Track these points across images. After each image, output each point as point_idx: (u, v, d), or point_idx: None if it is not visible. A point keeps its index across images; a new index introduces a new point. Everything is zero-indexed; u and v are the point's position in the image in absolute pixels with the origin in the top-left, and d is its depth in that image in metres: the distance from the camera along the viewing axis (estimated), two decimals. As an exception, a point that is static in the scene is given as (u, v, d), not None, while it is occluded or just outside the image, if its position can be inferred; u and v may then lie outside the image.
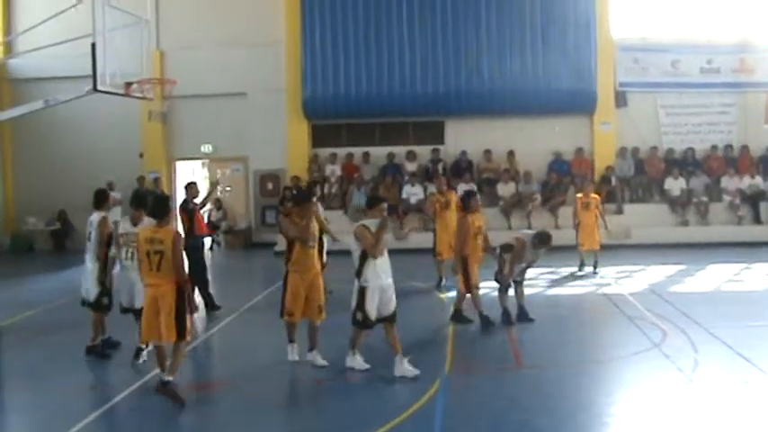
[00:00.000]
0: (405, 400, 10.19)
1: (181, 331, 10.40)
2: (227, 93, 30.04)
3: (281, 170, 30.26)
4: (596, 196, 22.27)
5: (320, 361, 12.09)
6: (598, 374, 12.01)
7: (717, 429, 9.15)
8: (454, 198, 19.27)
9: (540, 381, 11.46)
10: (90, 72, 23.32)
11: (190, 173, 32.51)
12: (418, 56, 28.98)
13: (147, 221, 11.66)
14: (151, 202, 11.79)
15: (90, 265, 13.21)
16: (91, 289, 13.14)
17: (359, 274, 11.44)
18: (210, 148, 31.18)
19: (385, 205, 11.82)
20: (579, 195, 22.18)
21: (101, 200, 13.66)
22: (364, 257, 11.39)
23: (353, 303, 11.46)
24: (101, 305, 13.11)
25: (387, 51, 29.07)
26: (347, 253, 11.56)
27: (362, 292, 11.38)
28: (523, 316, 15.06)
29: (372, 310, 11.41)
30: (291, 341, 12.41)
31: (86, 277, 13.27)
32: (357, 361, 11.74)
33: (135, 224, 12.44)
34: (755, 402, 10.16)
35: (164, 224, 10.58)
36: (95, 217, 13.29)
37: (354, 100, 29.22)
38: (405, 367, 11.27)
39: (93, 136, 30.33)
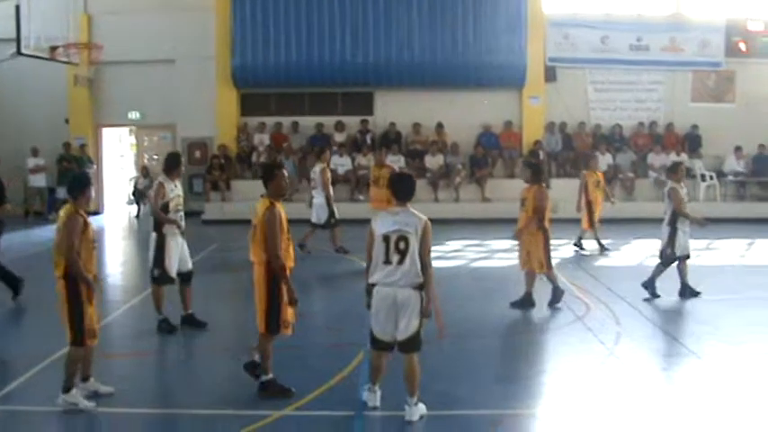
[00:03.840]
0: (328, 371, 10.15)
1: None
2: (156, 59, 29.52)
3: (209, 138, 29.99)
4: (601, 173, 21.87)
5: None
6: (522, 346, 12.12)
7: (637, 401, 9.25)
8: (386, 174, 17.41)
9: (462, 352, 11.50)
10: (14, 35, 22.95)
11: (116, 140, 32.14)
12: (349, 26, 28.82)
13: None
14: None
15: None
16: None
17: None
18: (138, 115, 30.72)
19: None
20: (586, 172, 20.91)
21: (170, 166, 12.40)
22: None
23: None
24: (152, 277, 12.37)
25: (317, 20, 28.85)
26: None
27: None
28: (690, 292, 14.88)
29: (375, 326, 8.79)
30: None
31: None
32: (372, 396, 9.08)
33: None
34: (675, 375, 10.31)
35: None
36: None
37: (284, 69, 29.01)
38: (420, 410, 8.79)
39: (17, 101, 29.63)
